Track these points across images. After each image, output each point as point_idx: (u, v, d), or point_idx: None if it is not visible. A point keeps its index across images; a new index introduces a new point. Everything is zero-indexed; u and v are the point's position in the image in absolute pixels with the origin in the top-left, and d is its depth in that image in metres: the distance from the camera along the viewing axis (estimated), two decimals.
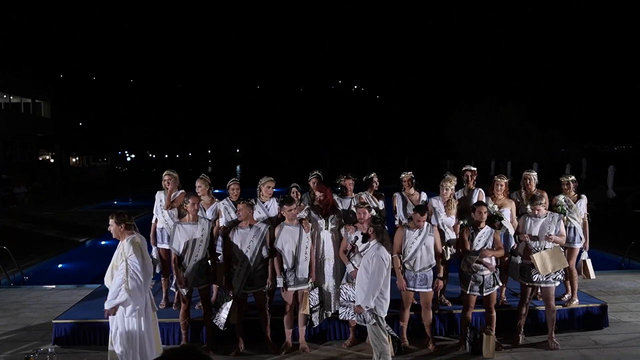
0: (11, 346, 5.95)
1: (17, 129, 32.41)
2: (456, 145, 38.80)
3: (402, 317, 5.82)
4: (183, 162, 55.50)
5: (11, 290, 8.46)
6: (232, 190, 6.33)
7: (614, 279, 8.52)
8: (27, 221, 16.53)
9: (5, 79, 30.93)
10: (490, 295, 5.65)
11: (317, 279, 5.86)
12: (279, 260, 5.60)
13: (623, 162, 33.12)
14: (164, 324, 6.11)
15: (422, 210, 5.63)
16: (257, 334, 5.88)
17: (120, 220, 4.72)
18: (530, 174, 6.71)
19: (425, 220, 5.66)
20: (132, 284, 4.49)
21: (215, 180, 7.06)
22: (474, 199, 6.43)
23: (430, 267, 5.62)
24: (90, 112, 56.21)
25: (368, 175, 6.86)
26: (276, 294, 6.00)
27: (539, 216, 5.75)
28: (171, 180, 6.48)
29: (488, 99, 36.90)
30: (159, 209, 6.52)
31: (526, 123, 35.29)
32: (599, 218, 14.22)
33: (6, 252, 9.56)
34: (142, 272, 4.56)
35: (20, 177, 26.23)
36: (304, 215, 5.87)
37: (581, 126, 55.05)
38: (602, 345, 5.88)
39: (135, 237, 4.69)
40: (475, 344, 5.61)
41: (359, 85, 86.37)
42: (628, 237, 10.44)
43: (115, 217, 4.75)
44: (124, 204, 22.84)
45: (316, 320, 5.73)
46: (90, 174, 47.63)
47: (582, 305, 6.46)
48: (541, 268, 5.59)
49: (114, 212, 4.87)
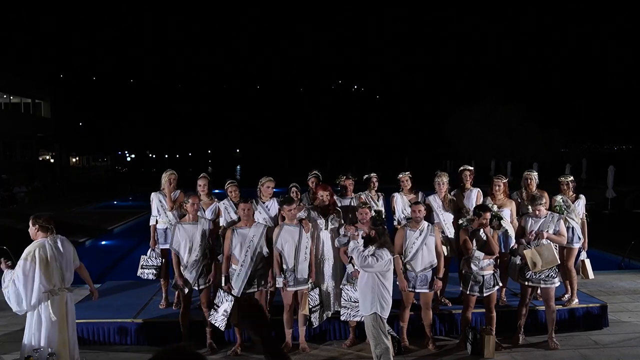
0: (11, 346, 5.95)
1: (17, 129, 32.39)
2: (456, 145, 38.75)
3: (402, 317, 5.82)
4: (183, 162, 55.48)
5: None
6: (231, 193, 6.34)
7: (614, 279, 8.52)
8: (27, 221, 16.45)
9: (5, 79, 30.89)
10: (491, 295, 5.65)
11: (317, 279, 5.86)
12: (278, 261, 5.60)
13: (623, 162, 33.12)
14: (164, 324, 6.13)
15: (418, 203, 5.71)
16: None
17: (34, 222, 4.73)
18: (531, 174, 6.73)
19: (424, 214, 5.68)
20: (5, 286, 4.62)
21: (216, 180, 7.06)
22: (471, 198, 6.44)
23: (431, 267, 5.62)
24: (90, 112, 56.19)
25: (368, 175, 6.87)
26: (276, 294, 6.00)
27: (539, 216, 5.76)
28: (175, 179, 6.49)
29: (488, 99, 36.88)
30: (161, 210, 6.50)
31: (526, 123, 35.27)
32: (599, 218, 14.24)
33: (6, 252, 9.56)
34: (23, 279, 4.54)
35: (20, 177, 26.19)
36: (304, 215, 5.87)
37: (581, 126, 55.03)
38: (602, 345, 5.88)
39: (44, 242, 4.67)
40: (475, 344, 5.61)
41: (359, 85, 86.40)
42: (628, 237, 10.43)
43: (32, 219, 4.78)
44: (124, 204, 22.85)
45: (315, 320, 5.72)
46: (90, 174, 47.58)
47: (582, 305, 6.46)
48: (531, 264, 5.60)
49: (34, 214, 4.89)
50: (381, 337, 4.96)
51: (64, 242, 4.81)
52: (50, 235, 4.74)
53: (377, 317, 4.98)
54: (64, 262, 4.76)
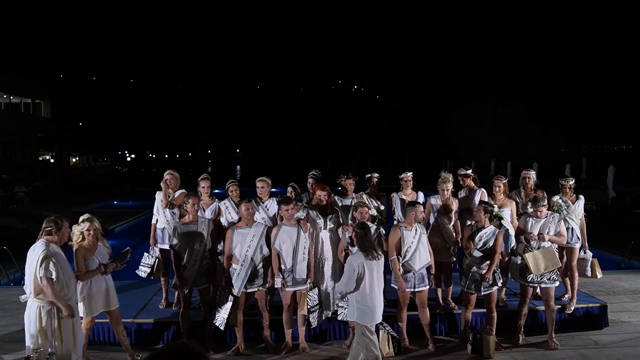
0: (11, 346, 5.94)
1: (17, 129, 32.38)
2: (456, 146, 38.79)
3: (400, 318, 5.81)
4: (183, 162, 55.46)
5: (11, 290, 8.45)
6: (232, 192, 6.35)
7: (614, 279, 8.52)
8: (27, 221, 16.50)
9: (5, 79, 30.90)
10: (491, 295, 5.65)
11: (316, 279, 5.85)
12: (277, 261, 5.60)
13: (623, 162, 33.10)
14: (164, 323, 6.13)
15: (413, 204, 5.71)
16: (257, 334, 5.88)
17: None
18: (528, 172, 6.76)
19: (421, 214, 5.69)
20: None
21: (216, 180, 7.06)
22: (476, 199, 6.44)
23: (427, 264, 5.64)
24: (90, 112, 56.16)
25: (368, 175, 6.88)
26: (276, 294, 6.00)
27: (540, 217, 5.76)
28: (172, 179, 6.49)
29: (488, 99, 36.89)
30: (160, 209, 6.52)
31: (526, 123, 35.29)
32: (599, 218, 14.24)
33: (6, 252, 9.56)
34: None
35: (20, 177, 26.20)
36: (303, 215, 5.87)
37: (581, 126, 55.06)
38: (602, 345, 5.88)
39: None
40: (475, 344, 5.61)
41: (359, 85, 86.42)
42: (628, 237, 10.43)
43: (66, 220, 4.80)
44: (124, 204, 22.83)
45: (314, 320, 5.71)
46: (90, 174, 47.55)
47: (582, 305, 6.46)
48: (534, 268, 5.60)
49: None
50: (368, 346, 4.86)
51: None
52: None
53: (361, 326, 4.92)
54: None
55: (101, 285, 5.13)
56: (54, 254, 4.49)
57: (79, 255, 4.95)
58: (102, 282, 5.15)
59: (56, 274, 4.43)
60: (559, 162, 28.23)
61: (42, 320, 4.48)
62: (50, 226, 4.60)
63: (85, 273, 4.95)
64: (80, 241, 4.99)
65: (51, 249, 4.50)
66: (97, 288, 5.09)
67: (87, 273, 4.97)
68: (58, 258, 4.51)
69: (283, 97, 74.63)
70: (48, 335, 4.49)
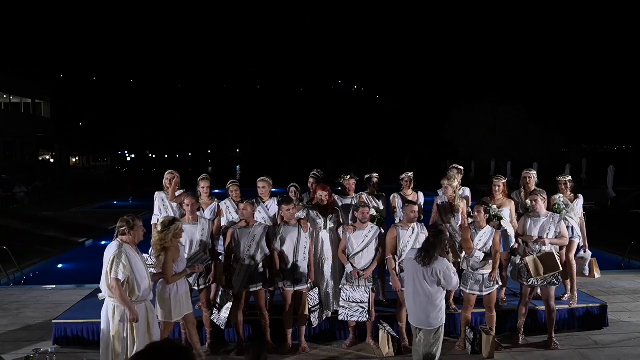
0: (11, 346, 5.95)
1: (17, 129, 32.37)
2: (456, 146, 38.79)
3: (399, 317, 5.80)
4: (183, 162, 55.46)
5: (11, 290, 8.46)
6: (232, 192, 6.35)
7: (614, 279, 8.52)
8: (27, 221, 16.52)
9: (5, 79, 30.90)
10: (491, 294, 5.65)
11: (316, 279, 5.86)
12: (277, 261, 5.60)
13: (623, 162, 33.07)
14: (164, 324, 6.11)
15: (408, 203, 5.71)
16: (257, 334, 5.88)
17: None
18: (529, 172, 6.74)
19: (417, 216, 5.68)
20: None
21: (216, 180, 7.06)
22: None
23: None
24: (90, 112, 56.13)
25: (369, 175, 6.88)
26: (276, 294, 6.00)
27: (538, 214, 5.74)
28: (174, 179, 6.49)
29: (488, 99, 36.90)
30: (162, 208, 6.50)
31: (526, 123, 35.30)
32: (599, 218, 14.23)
33: (6, 252, 9.56)
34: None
35: (20, 177, 26.20)
36: (303, 215, 5.87)
37: (581, 126, 55.02)
38: (602, 345, 5.88)
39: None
40: (475, 344, 5.61)
41: (359, 85, 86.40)
42: (628, 237, 10.43)
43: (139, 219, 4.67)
44: (124, 204, 22.83)
45: (315, 320, 5.72)
46: (90, 174, 47.55)
47: (582, 305, 6.46)
48: (534, 272, 5.58)
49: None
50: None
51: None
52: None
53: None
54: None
55: (185, 288, 5.09)
56: (126, 254, 4.39)
57: (169, 257, 4.84)
58: (184, 284, 5.10)
59: (125, 275, 4.36)
60: (559, 162, 28.23)
61: (116, 320, 4.44)
62: (123, 225, 4.50)
63: (173, 276, 4.87)
64: (170, 244, 4.86)
65: (123, 249, 4.40)
66: (182, 291, 5.02)
67: (175, 276, 4.90)
68: (130, 259, 4.41)
69: (283, 97, 74.58)
70: (121, 336, 4.44)
